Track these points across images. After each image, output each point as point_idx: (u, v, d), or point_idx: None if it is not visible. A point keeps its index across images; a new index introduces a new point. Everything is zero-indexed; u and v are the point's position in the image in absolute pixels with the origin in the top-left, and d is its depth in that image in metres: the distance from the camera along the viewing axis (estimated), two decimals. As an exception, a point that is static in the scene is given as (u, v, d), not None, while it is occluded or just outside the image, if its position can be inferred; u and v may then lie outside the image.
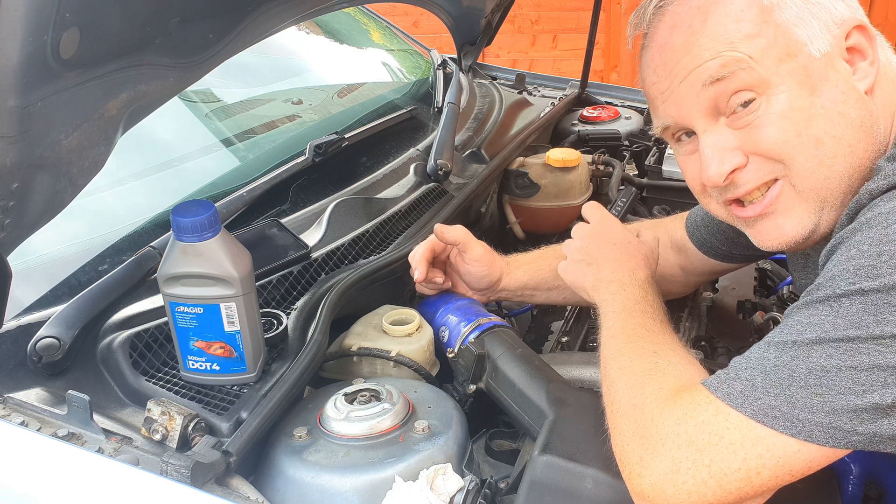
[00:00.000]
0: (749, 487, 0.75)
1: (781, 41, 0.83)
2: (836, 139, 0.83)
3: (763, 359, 0.75)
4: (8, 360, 0.98)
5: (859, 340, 0.69)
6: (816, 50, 0.83)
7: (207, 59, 1.09)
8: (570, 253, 1.14)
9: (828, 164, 0.83)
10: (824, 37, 0.83)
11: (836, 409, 0.70)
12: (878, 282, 0.69)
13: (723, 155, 0.87)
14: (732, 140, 0.86)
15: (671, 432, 0.77)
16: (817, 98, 0.83)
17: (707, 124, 0.88)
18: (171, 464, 0.83)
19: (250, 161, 1.62)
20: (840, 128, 0.83)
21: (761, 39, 0.83)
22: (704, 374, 0.85)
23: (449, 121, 1.85)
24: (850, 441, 0.71)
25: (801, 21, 0.83)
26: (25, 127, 0.80)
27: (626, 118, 2.28)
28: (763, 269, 1.62)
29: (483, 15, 2.29)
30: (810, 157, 0.83)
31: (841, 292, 0.72)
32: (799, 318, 0.75)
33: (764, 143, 0.85)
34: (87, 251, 1.19)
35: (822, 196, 0.85)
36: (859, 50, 0.85)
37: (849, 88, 0.84)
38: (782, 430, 0.72)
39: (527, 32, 5.72)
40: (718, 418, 0.75)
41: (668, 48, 0.88)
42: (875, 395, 0.69)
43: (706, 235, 1.28)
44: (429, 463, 0.91)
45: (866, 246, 0.72)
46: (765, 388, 0.73)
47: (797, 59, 0.83)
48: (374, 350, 1.13)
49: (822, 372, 0.71)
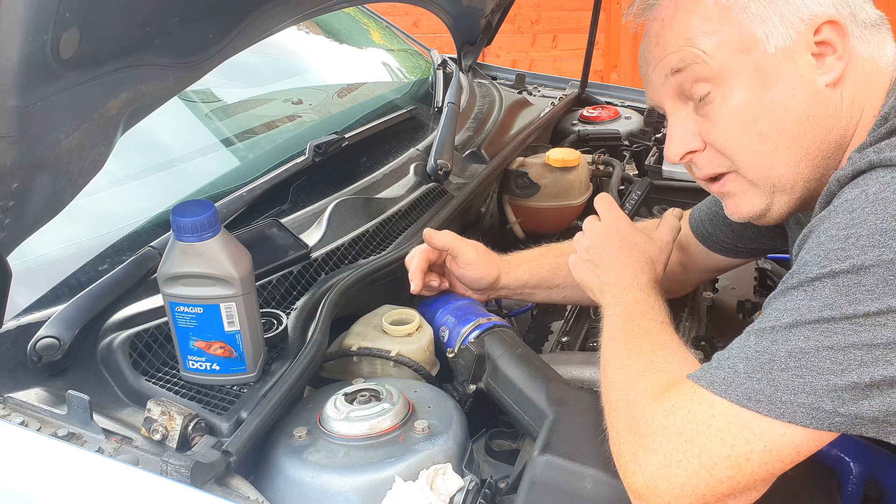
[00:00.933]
0: (740, 475, 0.75)
1: (736, 37, 0.89)
2: (778, 133, 0.89)
3: (744, 346, 0.77)
4: (8, 360, 0.98)
5: (833, 321, 0.71)
6: (773, 46, 0.88)
7: (207, 59, 1.09)
8: (579, 250, 1.15)
9: (770, 156, 0.90)
10: (785, 32, 0.88)
11: (817, 389, 0.71)
12: (847, 263, 0.72)
13: (682, 137, 0.96)
14: (693, 125, 0.95)
15: (660, 425, 0.78)
16: (766, 92, 0.88)
17: (675, 108, 0.97)
18: (171, 464, 0.83)
19: (250, 161, 1.62)
20: (783, 122, 0.89)
21: (717, 35, 0.89)
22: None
23: (449, 121, 1.85)
24: (833, 423, 0.72)
25: (761, 18, 0.88)
26: (25, 127, 0.80)
27: (626, 118, 2.28)
28: (763, 269, 1.62)
29: (483, 15, 2.29)
30: (753, 152, 0.91)
31: (813, 276, 0.74)
32: (776, 305, 0.77)
33: (715, 139, 0.93)
34: (87, 251, 1.19)
35: (770, 182, 0.93)
36: (829, 44, 0.88)
37: (803, 83, 0.88)
38: (767, 412, 0.73)
39: (527, 32, 5.72)
40: (704, 406, 0.76)
41: (648, 38, 0.97)
42: (853, 374, 0.70)
43: (711, 229, 1.29)
44: (429, 463, 0.91)
45: (834, 231, 0.75)
46: (747, 374, 0.75)
47: (750, 55, 0.88)
48: (374, 350, 1.13)
49: (801, 354, 0.72)
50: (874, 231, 0.71)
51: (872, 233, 0.71)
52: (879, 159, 0.76)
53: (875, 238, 0.71)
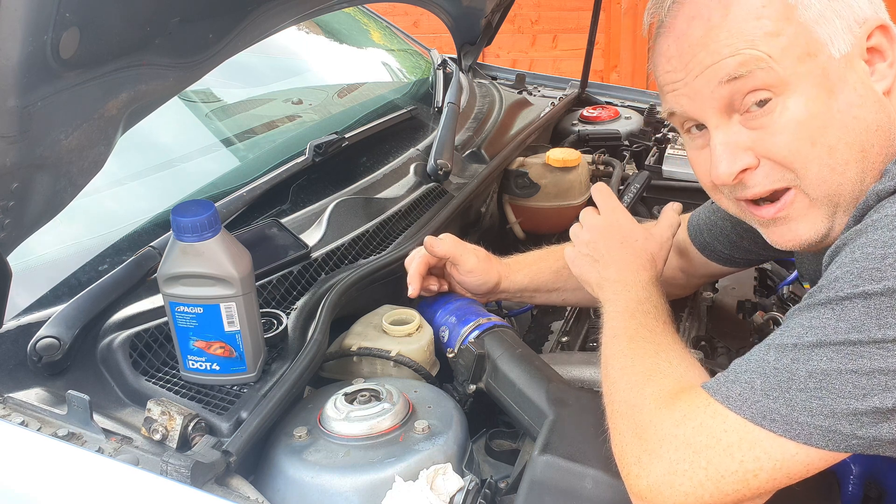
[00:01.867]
0: (746, 490, 0.74)
1: (802, 40, 0.81)
2: (849, 145, 0.82)
3: (763, 361, 0.75)
4: (8, 360, 0.98)
5: (861, 344, 0.69)
6: (837, 50, 0.82)
7: (207, 59, 1.09)
8: (578, 244, 1.13)
9: (840, 170, 0.82)
10: (845, 36, 0.82)
11: (836, 412, 0.70)
12: (881, 285, 0.69)
13: (734, 154, 0.86)
14: (745, 139, 0.85)
15: (669, 434, 0.77)
16: (834, 101, 0.81)
17: (720, 121, 0.86)
18: (171, 464, 0.83)
19: (250, 161, 1.62)
20: (854, 133, 0.82)
21: (782, 38, 0.81)
22: (705, 376, 0.85)
23: (449, 121, 1.85)
24: (850, 445, 0.71)
25: (824, 20, 0.81)
26: (25, 127, 0.80)
27: (626, 118, 2.28)
28: (763, 269, 1.62)
29: (483, 15, 2.29)
30: (823, 166, 0.82)
31: (843, 295, 0.71)
32: (800, 320, 0.74)
33: (777, 151, 0.84)
34: (87, 251, 1.19)
35: (835, 201, 0.84)
36: (879, 51, 0.84)
37: (866, 91, 0.82)
38: (781, 432, 0.72)
39: (527, 32, 5.72)
40: (716, 420, 0.75)
41: (685, 39, 0.85)
42: (875, 399, 0.68)
43: (708, 239, 1.28)
44: (429, 463, 0.91)
45: (871, 248, 0.71)
46: (764, 391, 0.73)
47: (817, 60, 0.81)
48: (374, 350, 1.13)
49: (822, 375, 0.70)
50: None
51: None
52: None
53: None
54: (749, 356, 0.77)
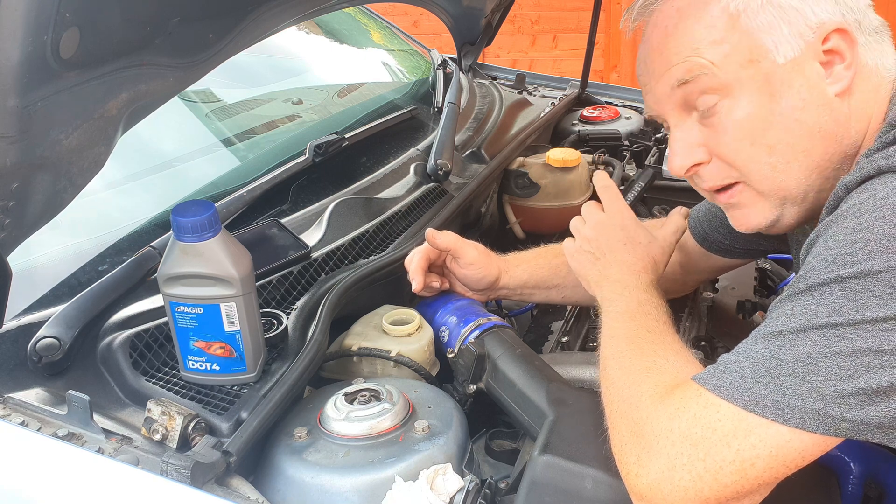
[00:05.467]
0: (745, 480, 0.75)
1: (745, 47, 0.86)
2: (790, 146, 0.87)
3: (751, 351, 0.77)
4: (8, 360, 0.98)
5: (841, 326, 0.71)
6: (782, 56, 0.85)
7: (207, 59, 1.09)
8: (579, 239, 1.14)
9: (782, 169, 0.88)
10: (794, 42, 0.85)
11: (825, 394, 0.71)
12: (854, 268, 0.71)
13: (688, 149, 0.93)
14: (699, 136, 0.92)
15: (665, 428, 0.78)
16: (776, 104, 0.86)
17: (679, 119, 0.93)
18: (171, 464, 0.83)
19: (250, 161, 1.62)
20: (795, 135, 0.87)
21: (725, 45, 0.86)
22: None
23: (449, 121, 1.85)
24: (840, 428, 0.72)
25: (770, 27, 0.85)
26: (25, 127, 0.80)
27: (626, 118, 2.28)
28: (763, 268, 1.62)
29: (483, 15, 2.29)
30: (764, 165, 0.89)
31: (820, 281, 0.74)
32: (783, 309, 0.76)
33: (722, 150, 0.90)
34: (87, 251, 1.19)
35: (781, 195, 0.90)
36: (838, 52, 0.87)
37: (813, 94, 0.86)
38: (774, 418, 0.73)
39: (527, 32, 5.72)
40: (710, 410, 0.76)
41: (648, 46, 0.93)
42: (860, 380, 0.70)
43: (707, 229, 1.29)
44: (429, 463, 0.91)
45: (842, 236, 0.74)
46: (754, 378, 0.74)
47: (759, 66, 0.86)
48: (374, 350, 1.13)
49: (808, 359, 0.72)
50: (882, 236, 0.71)
51: (880, 238, 0.71)
52: (888, 164, 0.75)
53: (883, 243, 0.70)
54: (737, 349, 0.79)
